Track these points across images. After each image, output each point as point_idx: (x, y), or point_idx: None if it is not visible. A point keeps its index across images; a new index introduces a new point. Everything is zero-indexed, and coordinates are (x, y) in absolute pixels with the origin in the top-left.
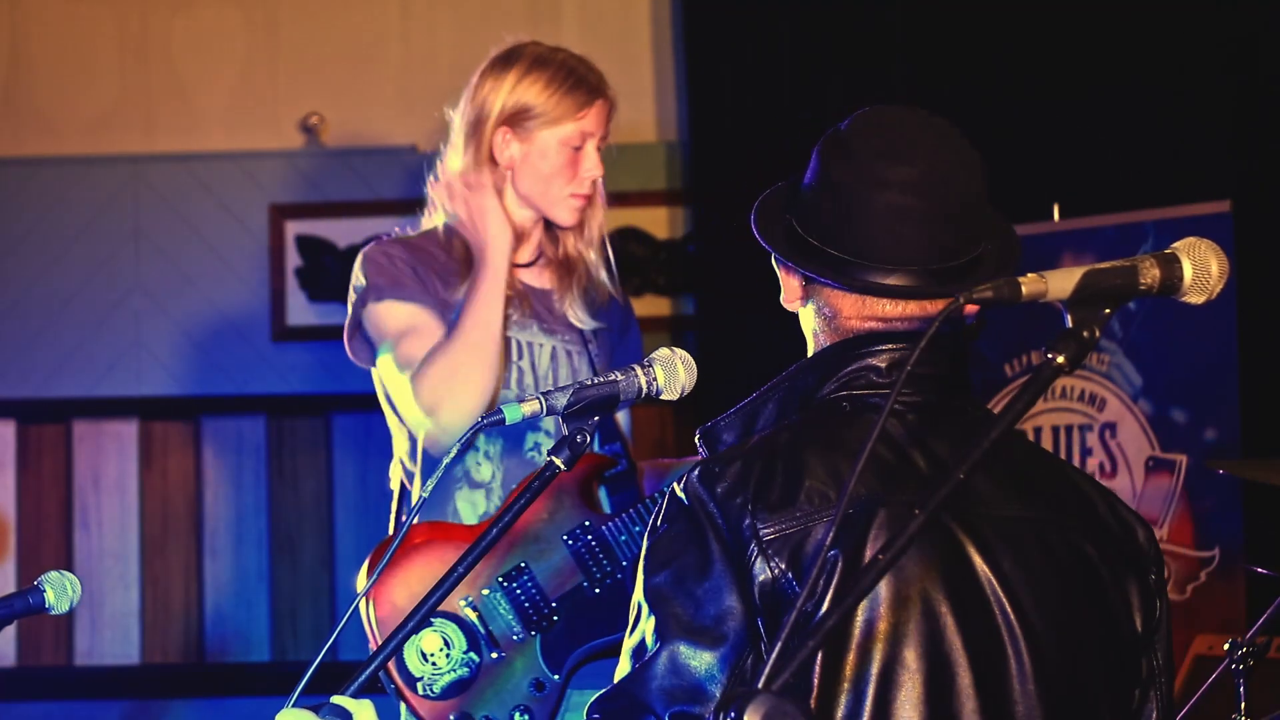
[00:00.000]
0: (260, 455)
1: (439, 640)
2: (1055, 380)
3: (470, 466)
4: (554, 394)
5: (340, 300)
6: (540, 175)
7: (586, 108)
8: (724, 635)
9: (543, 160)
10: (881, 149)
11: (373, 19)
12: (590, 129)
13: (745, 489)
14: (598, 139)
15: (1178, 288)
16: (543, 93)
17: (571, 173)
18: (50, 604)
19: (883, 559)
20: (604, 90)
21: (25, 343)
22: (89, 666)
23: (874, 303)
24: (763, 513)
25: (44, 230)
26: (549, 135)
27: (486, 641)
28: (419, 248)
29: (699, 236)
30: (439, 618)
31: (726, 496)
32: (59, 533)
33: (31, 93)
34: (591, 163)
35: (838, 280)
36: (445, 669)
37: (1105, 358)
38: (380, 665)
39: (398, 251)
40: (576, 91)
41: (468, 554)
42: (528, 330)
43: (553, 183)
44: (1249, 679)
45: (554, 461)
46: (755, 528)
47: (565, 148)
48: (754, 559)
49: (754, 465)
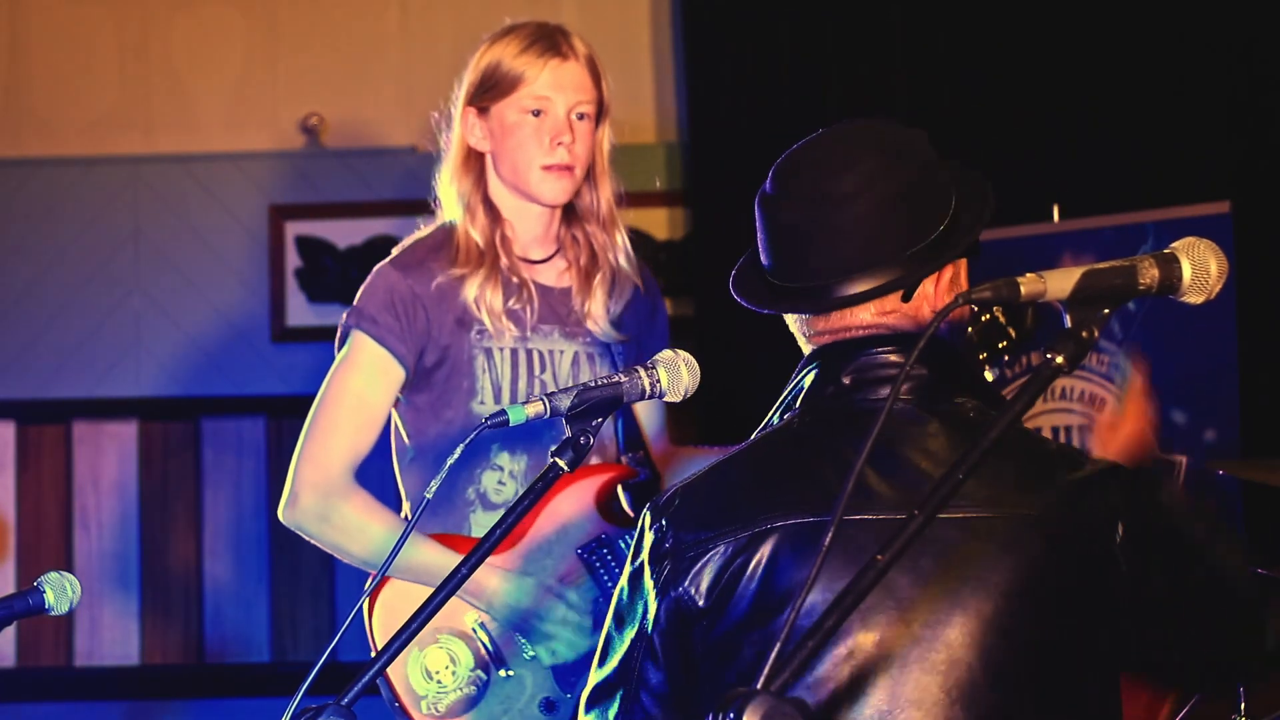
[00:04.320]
0: (260, 455)
1: (445, 657)
2: (1054, 380)
3: (488, 488)
4: (558, 395)
5: (340, 300)
6: (506, 151)
7: (538, 67)
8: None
9: (505, 134)
10: (796, 172)
11: (373, 19)
12: (546, 91)
13: (667, 510)
14: (568, 105)
15: (1177, 287)
16: (496, 58)
17: (537, 141)
18: (50, 604)
19: (881, 560)
20: (563, 48)
21: (25, 343)
22: (89, 667)
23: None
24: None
25: (44, 230)
26: (505, 105)
27: (495, 659)
28: (424, 270)
29: (699, 236)
30: (445, 635)
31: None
32: (59, 533)
33: (31, 93)
34: (557, 128)
35: (810, 308)
36: (451, 687)
37: (1105, 358)
38: (382, 669)
39: (398, 282)
40: (528, 52)
41: (470, 555)
42: (549, 338)
43: (520, 156)
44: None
45: (557, 463)
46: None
47: (524, 115)
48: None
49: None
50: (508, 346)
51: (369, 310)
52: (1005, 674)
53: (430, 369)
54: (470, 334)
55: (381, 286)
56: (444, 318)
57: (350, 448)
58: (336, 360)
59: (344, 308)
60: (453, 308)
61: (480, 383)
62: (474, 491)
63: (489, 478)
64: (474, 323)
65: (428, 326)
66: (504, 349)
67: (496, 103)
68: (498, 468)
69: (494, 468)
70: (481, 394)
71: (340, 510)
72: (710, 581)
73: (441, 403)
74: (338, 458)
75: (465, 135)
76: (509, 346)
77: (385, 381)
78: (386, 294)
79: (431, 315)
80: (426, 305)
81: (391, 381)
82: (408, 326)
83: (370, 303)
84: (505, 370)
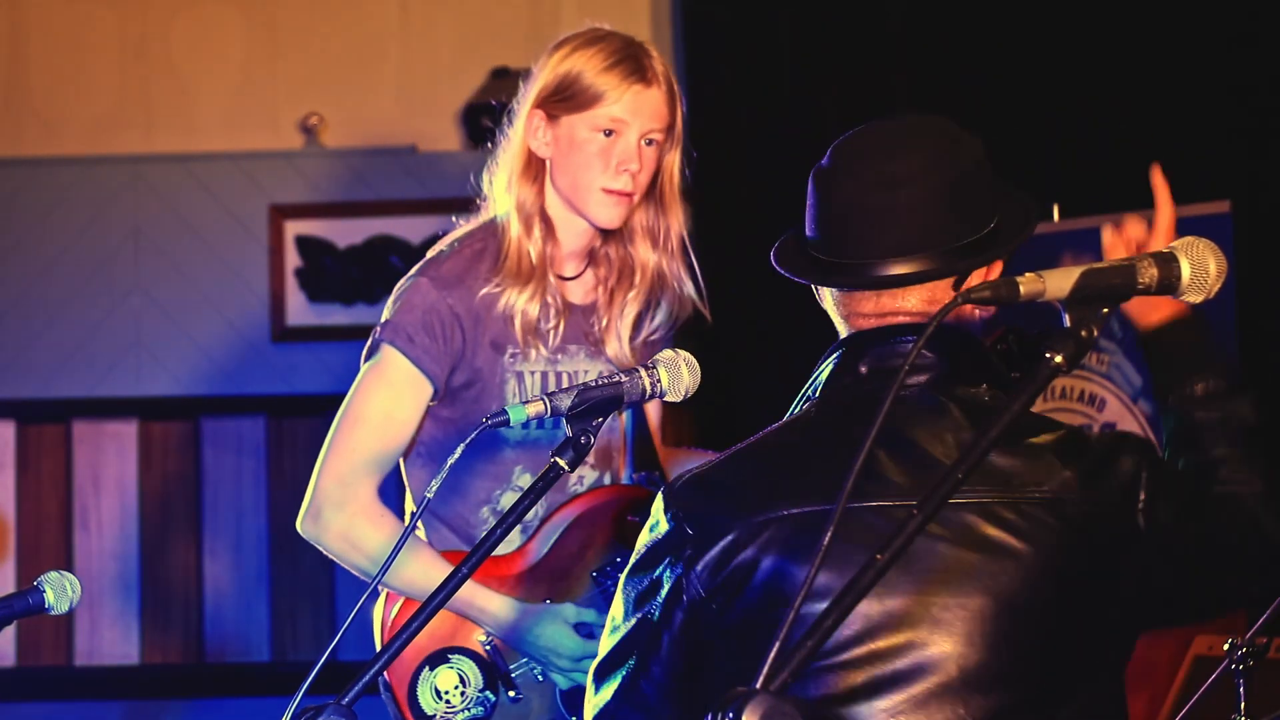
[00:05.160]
0: (260, 455)
1: (455, 677)
2: (1053, 380)
3: (502, 504)
4: (558, 395)
5: (340, 300)
6: (570, 165)
7: (620, 90)
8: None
9: (573, 148)
10: (858, 152)
11: (373, 19)
12: (623, 115)
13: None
14: (642, 131)
15: (1175, 287)
16: (576, 68)
17: (603, 163)
18: (50, 604)
19: (881, 558)
20: (649, 75)
21: (25, 343)
22: (89, 666)
23: (887, 299)
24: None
25: (44, 230)
26: (579, 119)
27: (504, 681)
28: (463, 287)
29: (699, 236)
30: (456, 654)
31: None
32: (59, 533)
33: (31, 93)
34: (628, 153)
35: (844, 283)
36: (459, 707)
37: (1105, 358)
38: (383, 668)
39: (438, 302)
40: (612, 72)
41: (471, 555)
42: (575, 359)
43: (582, 175)
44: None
45: (558, 462)
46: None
47: (595, 133)
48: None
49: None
50: (538, 370)
51: (405, 327)
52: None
53: (459, 388)
54: (504, 358)
55: (420, 305)
56: (480, 339)
57: (377, 465)
58: (364, 370)
59: (345, 307)
60: (489, 328)
61: (509, 405)
62: (489, 511)
63: (508, 499)
64: (508, 345)
65: (463, 348)
66: (534, 372)
67: (570, 114)
68: (518, 489)
69: (515, 489)
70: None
71: (367, 535)
72: (722, 568)
73: (465, 420)
74: (364, 476)
75: (528, 137)
76: (539, 370)
77: (415, 401)
78: (425, 313)
79: (468, 337)
80: (464, 326)
81: (420, 401)
82: (444, 348)
83: (407, 319)
84: (535, 392)
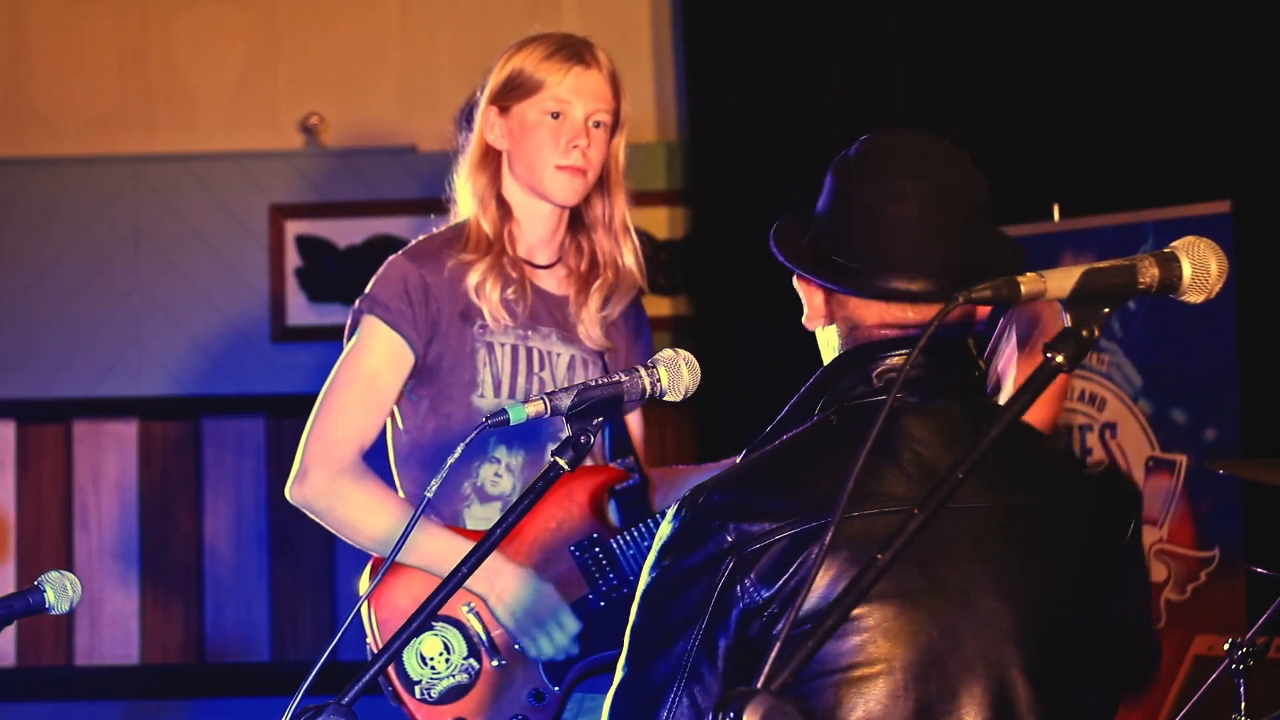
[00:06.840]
0: (260, 455)
1: (439, 644)
2: (1054, 380)
3: (485, 481)
4: (558, 394)
5: (340, 300)
6: (524, 150)
7: (561, 73)
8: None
9: (524, 133)
10: (895, 166)
11: (373, 19)
12: (567, 95)
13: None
14: (587, 111)
15: (1176, 287)
16: (523, 61)
17: (554, 142)
18: (50, 604)
19: (881, 559)
20: (586, 58)
21: (25, 343)
22: (89, 666)
23: (895, 310)
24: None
25: (44, 230)
26: (527, 105)
27: (488, 648)
28: (435, 260)
29: (699, 236)
30: (440, 622)
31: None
32: (59, 533)
33: (31, 93)
34: (575, 130)
35: (862, 290)
36: (444, 674)
37: (1105, 358)
38: (383, 668)
39: (411, 271)
40: (553, 58)
41: (471, 554)
42: (548, 340)
43: (536, 156)
44: (1249, 679)
45: (558, 462)
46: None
47: (544, 116)
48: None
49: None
50: (509, 343)
51: (382, 296)
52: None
53: (434, 361)
54: (473, 328)
55: (395, 275)
56: (451, 310)
57: (361, 428)
58: (347, 346)
59: (345, 307)
60: (459, 299)
61: (481, 376)
62: (470, 485)
63: (486, 471)
64: (476, 316)
65: (438, 317)
66: (505, 344)
67: (518, 103)
68: (495, 460)
69: (491, 460)
70: (482, 387)
71: (351, 489)
72: (777, 573)
73: (443, 396)
74: (349, 437)
75: (485, 132)
76: (510, 343)
77: (397, 365)
78: (400, 282)
79: (441, 306)
80: (437, 295)
81: (403, 366)
82: (421, 314)
83: (384, 290)
84: (505, 365)
